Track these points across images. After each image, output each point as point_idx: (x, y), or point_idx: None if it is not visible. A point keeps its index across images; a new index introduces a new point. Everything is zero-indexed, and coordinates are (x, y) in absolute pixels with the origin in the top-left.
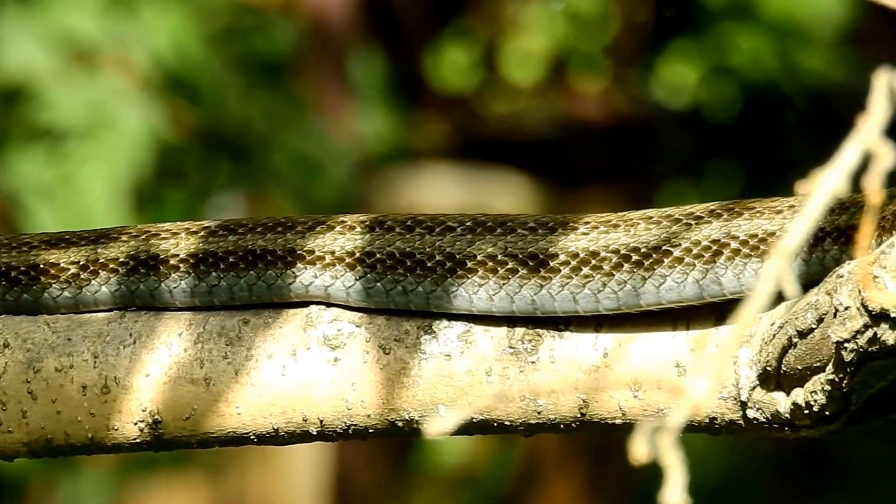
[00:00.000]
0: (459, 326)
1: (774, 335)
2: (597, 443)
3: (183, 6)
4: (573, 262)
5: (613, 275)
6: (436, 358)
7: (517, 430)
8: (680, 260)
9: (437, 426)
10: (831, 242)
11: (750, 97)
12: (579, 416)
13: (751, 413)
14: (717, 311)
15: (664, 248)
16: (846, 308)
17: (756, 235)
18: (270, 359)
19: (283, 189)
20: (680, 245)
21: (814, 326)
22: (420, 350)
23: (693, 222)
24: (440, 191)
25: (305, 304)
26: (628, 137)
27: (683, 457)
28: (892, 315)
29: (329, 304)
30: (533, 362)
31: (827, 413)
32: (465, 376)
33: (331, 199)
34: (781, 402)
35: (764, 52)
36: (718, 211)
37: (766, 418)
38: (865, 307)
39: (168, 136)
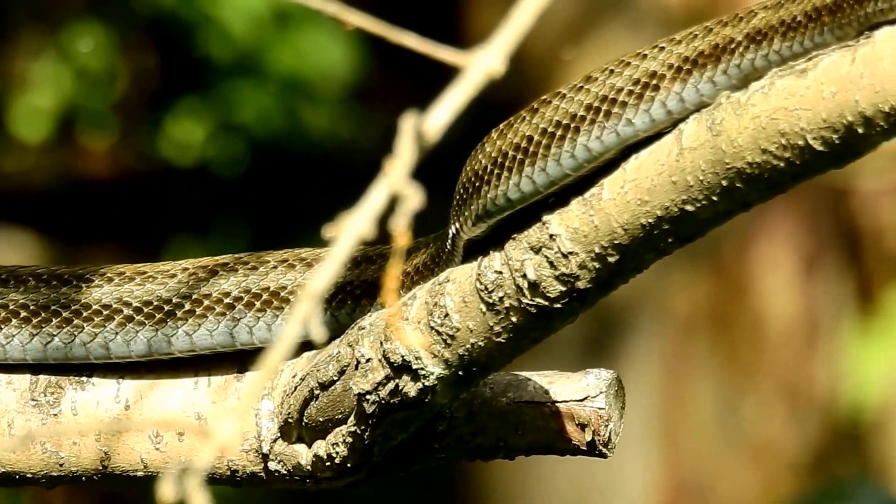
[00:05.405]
0: None
1: (296, 387)
2: (106, 492)
3: None
4: (105, 312)
5: (145, 323)
6: None
7: (39, 483)
8: (211, 309)
9: None
10: (358, 296)
11: (257, 153)
12: (101, 468)
13: (272, 465)
14: (239, 360)
15: (195, 297)
16: (368, 360)
17: (285, 287)
18: None
19: None
20: (210, 295)
21: (335, 378)
22: None
23: (225, 272)
24: None
25: None
26: (137, 194)
27: (211, 499)
28: (414, 367)
29: None
30: (55, 414)
31: (349, 465)
32: None
33: None
34: (303, 454)
35: (271, 108)
36: (251, 263)
37: (288, 470)
38: (387, 359)
39: None
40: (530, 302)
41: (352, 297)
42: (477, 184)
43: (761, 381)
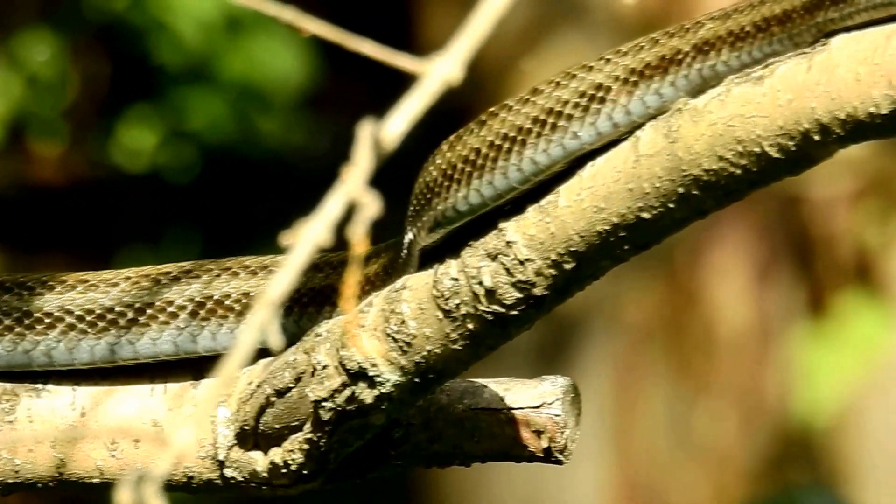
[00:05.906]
0: None
1: (252, 394)
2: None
3: None
4: (47, 320)
5: (88, 332)
6: None
7: None
8: (154, 318)
9: None
10: (304, 304)
11: (209, 160)
12: (57, 474)
13: (228, 472)
14: (195, 368)
15: (137, 305)
16: (324, 367)
17: (230, 295)
18: None
19: None
20: (154, 304)
21: (292, 385)
22: None
23: (171, 281)
24: None
25: None
26: (88, 200)
27: None
28: (370, 374)
29: None
30: (10, 421)
31: (305, 472)
32: None
33: None
34: (259, 461)
35: (223, 115)
36: (195, 271)
37: (244, 477)
38: (343, 366)
39: None
40: (487, 309)
41: (299, 305)
42: (429, 196)
43: (713, 389)
